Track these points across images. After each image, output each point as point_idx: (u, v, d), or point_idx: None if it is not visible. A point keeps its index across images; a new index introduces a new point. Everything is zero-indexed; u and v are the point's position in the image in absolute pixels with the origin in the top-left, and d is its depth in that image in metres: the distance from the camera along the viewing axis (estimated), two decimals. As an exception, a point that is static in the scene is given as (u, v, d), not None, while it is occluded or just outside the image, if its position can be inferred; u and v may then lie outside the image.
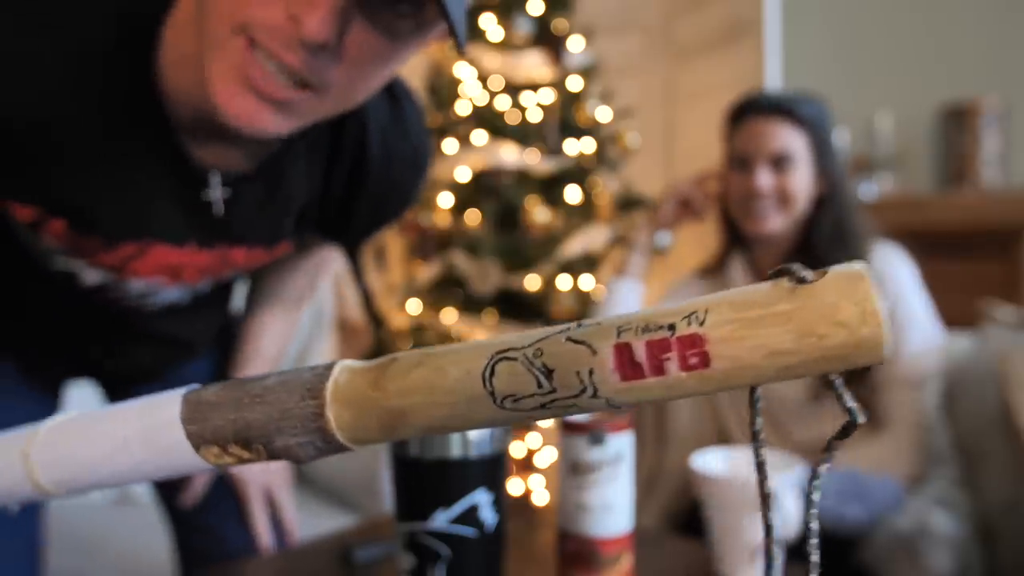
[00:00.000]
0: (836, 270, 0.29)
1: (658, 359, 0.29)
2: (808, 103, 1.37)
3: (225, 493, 1.01)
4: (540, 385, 0.31)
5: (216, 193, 0.70)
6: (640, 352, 0.30)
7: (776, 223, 1.35)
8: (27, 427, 0.46)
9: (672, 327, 0.29)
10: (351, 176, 0.79)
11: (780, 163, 1.33)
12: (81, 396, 1.06)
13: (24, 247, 0.75)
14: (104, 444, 0.41)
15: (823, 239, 1.35)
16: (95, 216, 0.68)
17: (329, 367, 0.37)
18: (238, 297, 1.01)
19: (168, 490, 1.04)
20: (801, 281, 0.29)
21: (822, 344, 0.28)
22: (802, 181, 1.34)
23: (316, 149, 0.75)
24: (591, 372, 0.31)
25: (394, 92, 0.78)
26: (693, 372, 0.29)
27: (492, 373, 0.32)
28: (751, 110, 1.37)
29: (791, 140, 1.33)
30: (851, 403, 0.29)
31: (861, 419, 0.29)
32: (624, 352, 0.30)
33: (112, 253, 0.72)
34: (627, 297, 1.49)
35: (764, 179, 1.33)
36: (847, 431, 0.30)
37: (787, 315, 0.28)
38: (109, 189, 0.67)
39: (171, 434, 0.39)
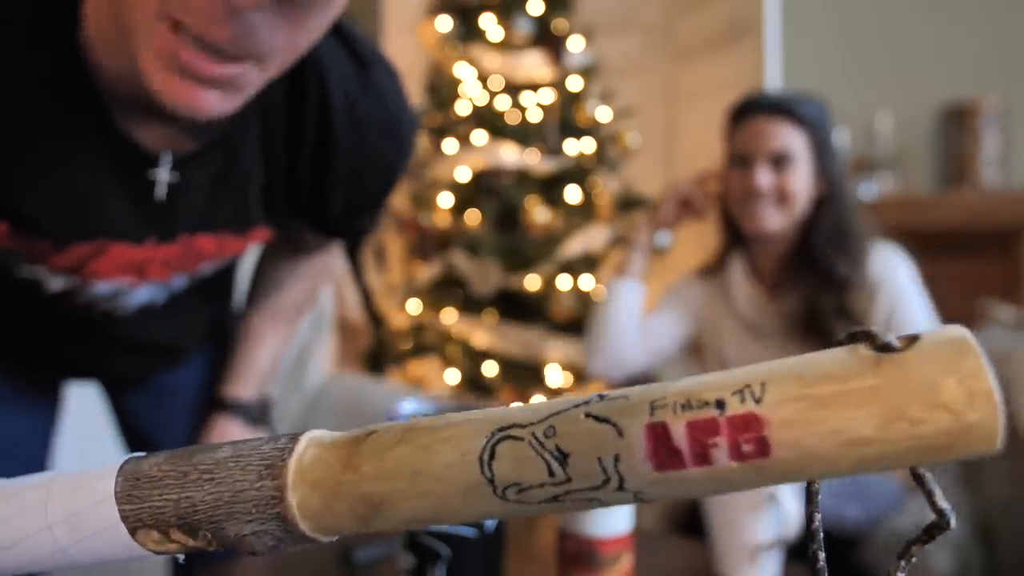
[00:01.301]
0: (932, 337, 0.23)
1: (703, 445, 0.24)
2: (808, 103, 1.37)
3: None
4: (552, 473, 0.25)
5: (162, 175, 0.65)
6: (680, 435, 0.24)
7: (775, 222, 1.35)
8: None
9: (721, 404, 0.24)
10: (319, 151, 0.72)
11: (780, 162, 1.34)
12: (83, 396, 1.06)
13: None
14: (22, 524, 0.33)
15: (822, 239, 1.35)
16: (36, 215, 0.63)
17: (293, 438, 0.30)
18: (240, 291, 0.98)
19: None
20: (885, 349, 0.23)
21: (916, 432, 0.22)
22: (802, 180, 1.34)
23: (272, 121, 0.70)
24: (616, 459, 0.25)
25: (362, 58, 0.72)
26: (748, 462, 0.23)
27: (492, 456, 0.26)
28: (752, 109, 1.38)
29: (791, 139, 1.34)
30: (943, 504, 0.25)
31: (952, 522, 0.25)
32: (659, 434, 0.24)
33: (64, 255, 0.67)
34: (628, 297, 1.49)
35: (764, 178, 1.33)
36: (932, 534, 0.26)
37: (871, 393, 0.23)
38: (46, 182, 0.62)
39: (104, 514, 0.32)
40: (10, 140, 0.60)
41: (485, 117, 2.17)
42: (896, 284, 1.34)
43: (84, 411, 1.11)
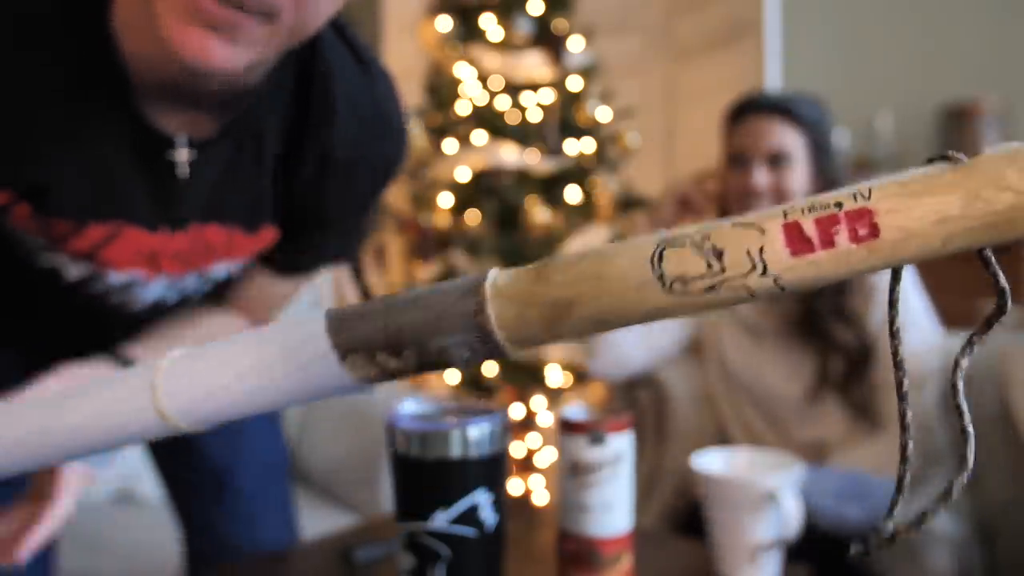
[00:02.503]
0: (993, 149, 0.30)
1: (828, 232, 0.30)
2: (807, 103, 1.37)
3: (226, 492, 1.00)
4: (710, 266, 0.31)
5: (181, 156, 0.68)
6: (810, 228, 0.30)
7: None
8: (147, 362, 0.43)
9: (839, 204, 0.30)
10: (320, 145, 0.74)
11: (777, 162, 1.34)
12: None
13: (11, 247, 0.73)
14: (241, 366, 0.39)
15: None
16: (59, 189, 0.66)
17: (483, 275, 0.35)
18: None
19: (178, 492, 1.04)
20: (958, 161, 0.30)
21: (990, 209, 0.29)
22: (799, 180, 1.34)
23: (283, 113, 0.72)
24: (761, 250, 0.31)
25: (362, 57, 0.75)
26: (863, 243, 0.30)
27: (660, 258, 0.32)
28: (750, 109, 1.38)
29: (789, 139, 1.34)
30: (1004, 282, 0.31)
31: (1009, 302, 0.31)
32: (793, 229, 0.30)
33: (82, 236, 0.69)
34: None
35: (761, 177, 1.34)
36: (1001, 310, 0.31)
37: (953, 185, 0.29)
38: (69, 160, 0.65)
39: (314, 347, 0.37)
40: (32, 115, 0.62)
41: (485, 117, 2.17)
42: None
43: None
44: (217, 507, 1.01)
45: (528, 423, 2.29)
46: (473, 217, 2.20)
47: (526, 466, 2.28)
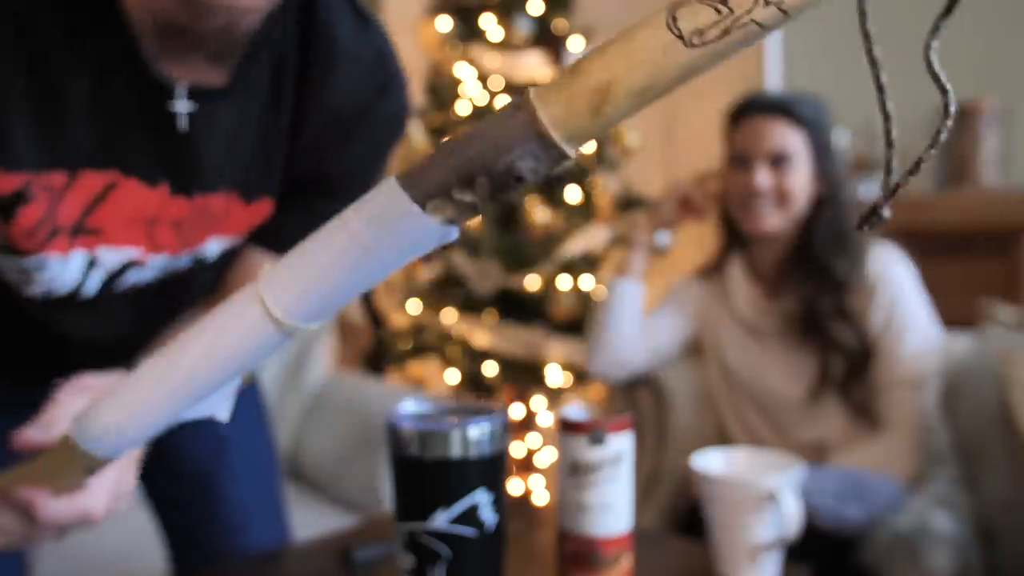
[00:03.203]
0: None
1: None
2: (807, 103, 1.37)
3: (214, 502, 0.99)
4: (719, 11, 0.35)
5: (182, 106, 0.66)
6: None
7: (774, 222, 1.35)
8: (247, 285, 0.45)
9: None
10: (320, 101, 0.73)
11: (779, 162, 1.34)
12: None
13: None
14: (333, 249, 0.42)
15: (821, 239, 1.35)
16: (53, 129, 0.63)
17: (518, 97, 0.39)
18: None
19: (162, 502, 1.02)
20: None
21: None
22: (800, 180, 1.34)
23: (283, 70, 0.71)
24: None
25: (364, 15, 0.74)
26: None
27: (675, 19, 0.35)
28: (750, 109, 1.38)
29: (790, 139, 1.34)
30: (947, 84, 0.35)
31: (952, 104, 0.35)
32: None
33: (77, 188, 0.66)
34: (627, 297, 1.49)
35: (763, 178, 1.34)
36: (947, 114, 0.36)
37: None
38: (66, 96, 0.63)
39: (396, 207, 0.40)
40: (34, 56, 0.61)
41: (485, 117, 2.16)
42: (895, 284, 1.34)
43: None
44: (202, 516, 0.99)
45: (528, 423, 2.29)
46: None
47: (526, 466, 2.28)
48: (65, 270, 0.70)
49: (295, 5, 0.69)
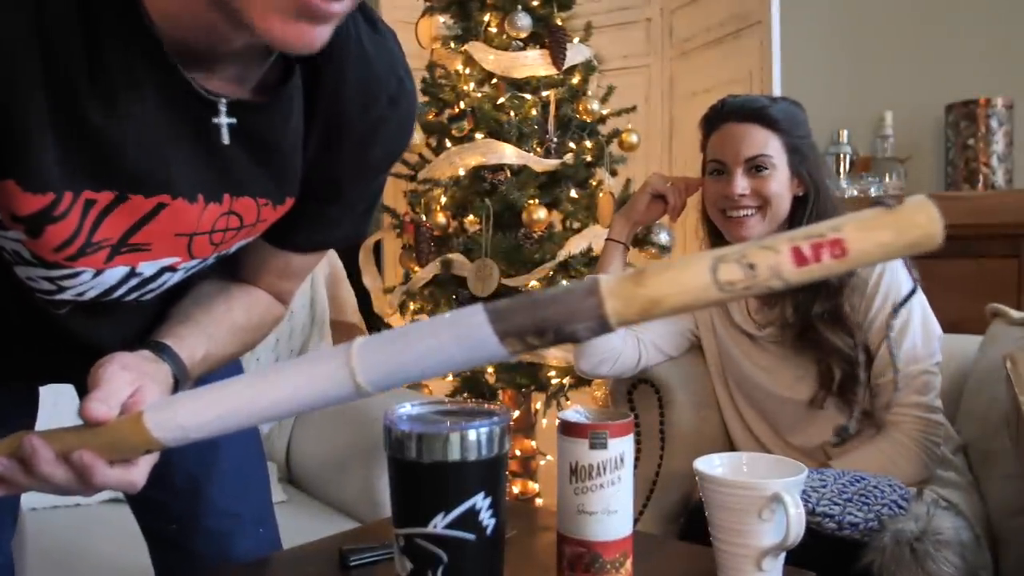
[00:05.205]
0: (909, 199, 0.47)
1: (818, 252, 0.47)
2: (781, 107, 1.38)
3: (200, 507, 0.98)
4: (746, 274, 0.47)
5: (223, 120, 0.67)
6: (807, 249, 0.47)
7: (757, 227, 1.36)
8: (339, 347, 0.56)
9: (823, 235, 0.47)
10: (335, 111, 0.74)
11: (756, 168, 1.34)
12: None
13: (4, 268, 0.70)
14: (420, 347, 0.54)
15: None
16: (111, 151, 0.63)
17: (595, 280, 0.51)
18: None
19: (144, 512, 1.01)
20: (891, 208, 0.47)
21: (908, 238, 0.46)
22: (779, 184, 1.35)
23: (309, 80, 0.72)
24: (778, 263, 0.47)
25: (375, 23, 0.75)
26: (837, 258, 0.47)
27: (715, 270, 0.48)
28: (725, 117, 1.39)
29: (766, 144, 1.34)
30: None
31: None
32: (797, 250, 0.47)
33: (124, 207, 0.66)
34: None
35: (741, 184, 1.35)
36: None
37: (887, 223, 0.47)
38: (119, 127, 0.62)
39: (479, 332, 0.52)
40: (68, 81, 0.60)
41: (484, 115, 2.15)
42: (895, 286, 1.33)
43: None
44: (188, 524, 0.98)
45: (528, 425, 2.28)
46: (472, 217, 2.19)
47: (526, 469, 2.27)
48: (100, 280, 0.71)
49: None
